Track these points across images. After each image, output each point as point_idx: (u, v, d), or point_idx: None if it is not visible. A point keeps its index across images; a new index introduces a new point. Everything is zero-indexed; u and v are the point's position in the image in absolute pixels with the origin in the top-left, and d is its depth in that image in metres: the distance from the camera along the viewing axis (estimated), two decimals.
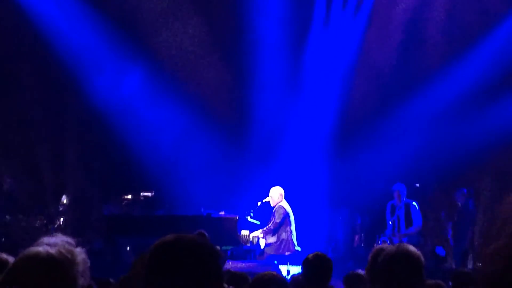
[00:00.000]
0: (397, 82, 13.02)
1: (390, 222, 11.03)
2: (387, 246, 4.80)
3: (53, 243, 1.98)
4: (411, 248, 3.26)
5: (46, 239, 2.03)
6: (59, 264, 1.91)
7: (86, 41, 12.90)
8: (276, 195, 10.57)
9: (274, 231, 10.45)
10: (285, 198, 10.62)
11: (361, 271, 5.22)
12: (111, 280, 5.51)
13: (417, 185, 11.87)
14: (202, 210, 10.98)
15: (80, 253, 1.96)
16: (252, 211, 10.87)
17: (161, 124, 13.46)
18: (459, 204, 11.67)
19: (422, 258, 3.26)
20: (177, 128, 13.59)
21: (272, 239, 10.47)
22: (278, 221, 10.41)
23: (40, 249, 1.94)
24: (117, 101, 13.18)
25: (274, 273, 4.21)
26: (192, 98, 13.44)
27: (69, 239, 2.05)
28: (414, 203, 10.99)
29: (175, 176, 13.13)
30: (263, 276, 4.05)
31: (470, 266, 11.22)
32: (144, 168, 13.10)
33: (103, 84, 13.11)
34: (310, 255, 4.83)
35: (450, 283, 5.76)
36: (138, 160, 13.18)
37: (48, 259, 1.91)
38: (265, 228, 10.52)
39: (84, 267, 1.88)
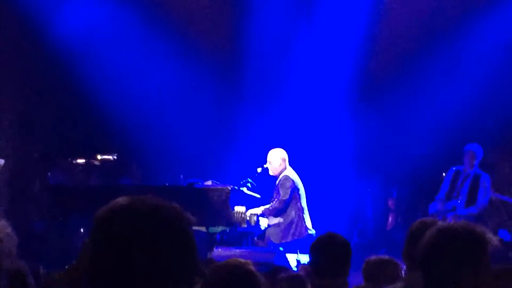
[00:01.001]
0: (441, 16, 13.03)
1: (439, 197, 10.98)
2: (435, 221, 4.78)
3: None
4: (473, 224, 3.21)
5: None
6: None
7: None
8: (276, 161, 10.51)
9: (280, 211, 10.46)
10: (292, 165, 10.59)
11: (388, 256, 5.24)
12: (42, 270, 5.55)
13: None
14: (182, 178, 10.99)
15: (3, 228, 1.93)
16: (249, 180, 10.86)
17: (130, 66, 13.46)
18: None
19: (490, 240, 3.18)
20: (151, 71, 13.58)
21: (277, 220, 10.48)
22: (285, 198, 10.40)
23: None
24: (76, 35, 13.14)
25: (241, 262, 3.57)
26: (173, 33, 13.48)
27: None
28: (485, 176, 10.87)
29: (146, 133, 13.16)
30: (222, 267, 3.54)
31: None
32: (105, 123, 13.13)
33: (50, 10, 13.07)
34: (319, 237, 4.84)
35: None
36: (96, 113, 13.24)
37: None
38: (268, 206, 10.52)
39: (9, 245, 1.85)
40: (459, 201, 10.90)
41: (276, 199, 10.52)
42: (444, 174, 11.37)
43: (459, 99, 12.57)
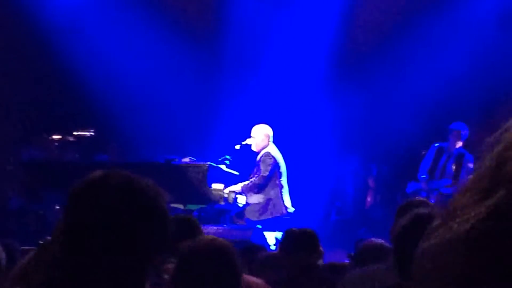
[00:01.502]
0: None
1: (423, 176, 10.94)
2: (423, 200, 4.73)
3: None
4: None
5: None
6: None
7: None
8: (260, 136, 10.47)
9: (259, 187, 10.42)
10: (273, 141, 10.55)
11: (379, 240, 5.21)
12: (18, 247, 5.53)
13: None
14: (159, 155, 10.92)
15: None
16: (228, 157, 10.80)
17: (109, 42, 13.39)
18: None
19: None
20: (130, 48, 13.51)
21: (256, 197, 10.44)
22: (265, 174, 10.37)
23: None
24: (54, 12, 13.12)
25: (216, 239, 3.61)
26: (152, 8, 13.47)
27: None
28: (469, 156, 10.78)
29: (125, 110, 13.08)
30: (197, 241, 3.55)
31: None
32: (83, 100, 13.02)
33: None
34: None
35: None
36: (75, 90, 13.16)
37: None
38: (247, 182, 10.48)
39: None
40: (446, 183, 10.86)
41: (256, 175, 10.48)
42: (423, 152, 11.35)
43: (440, 76, 12.56)
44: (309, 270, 4.96)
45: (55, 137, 11.74)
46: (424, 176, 11.03)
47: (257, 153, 10.52)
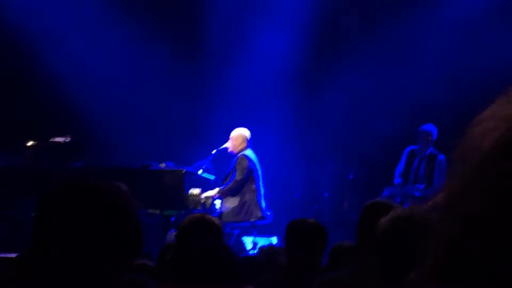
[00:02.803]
0: None
1: (398, 181, 10.98)
2: (388, 202, 4.78)
3: None
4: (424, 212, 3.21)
5: None
6: None
7: None
8: (238, 139, 10.50)
9: (234, 191, 10.43)
10: (250, 146, 10.57)
11: (349, 242, 5.26)
12: None
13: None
14: (135, 161, 10.91)
15: None
16: (205, 162, 10.82)
17: (87, 47, 13.33)
18: None
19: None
20: (108, 52, 13.44)
21: (231, 201, 10.45)
22: (240, 177, 10.38)
23: None
24: (30, 15, 13.02)
25: (205, 215, 4.48)
26: (132, 10, 13.43)
27: None
28: (441, 156, 10.78)
29: (100, 114, 13.03)
30: (191, 216, 4.35)
31: None
32: (56, 103, 12.96)
33: None
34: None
35: None
36: (47, 93, 13.09)
37: None
38: (222, 187, 10.48)
39: None
40: (420, 187, 10.88)
41: (231, 178, 10.50)
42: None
43: (417, 79, 12.57)
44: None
45: (31, 142, 11.67)
46: (398, 181, 11.06)
47: (234, 156, 10.55)
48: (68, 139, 11.75)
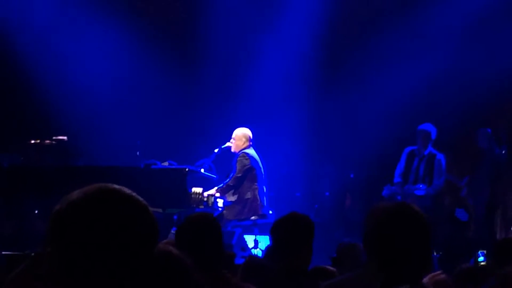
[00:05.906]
0: None
1: (398, 181, 11.01)
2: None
3: None
4: (415, 207, 3.27)
5: None
6: None
7: None
8: (240, 138, 10.57)
9: (234, 188, 10.48)
10: (253, 145, 10.63)
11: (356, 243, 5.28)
12: None
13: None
14: (138, 160, 10.95)
15: None
16: (207, 161, 10.88)
17: (84, 48, 13.35)
18: (483, 149, 11.66)
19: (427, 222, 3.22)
20: (105, 53, 13.46)
21: (232, 199, 10.50)
22: (239, 174, 10.43)
23: None
24: (23, 19, 13.04)
25: (208, 215, 4.61)
26: (126, 12, 13.45)
27: None
28: (440, 156, 10.87)
29: (102, 114, 13.05)
30: (193, 215, 4.51)
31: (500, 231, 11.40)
32: (58, 103, 12.98)
33: None
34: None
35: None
36: (49, 91, 13.10)
37: None
38: (221, 185, 10.54)
39: None
40: (421, 186, 10.93)
41: (230, 175, 10.58)
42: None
43: (416, 78, 12.59)
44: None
45: (33, 141, 11.68)
46: (398, 181, 11.10)
47: (236, 155, 10.62)
48: (65, 139, 11.75)
